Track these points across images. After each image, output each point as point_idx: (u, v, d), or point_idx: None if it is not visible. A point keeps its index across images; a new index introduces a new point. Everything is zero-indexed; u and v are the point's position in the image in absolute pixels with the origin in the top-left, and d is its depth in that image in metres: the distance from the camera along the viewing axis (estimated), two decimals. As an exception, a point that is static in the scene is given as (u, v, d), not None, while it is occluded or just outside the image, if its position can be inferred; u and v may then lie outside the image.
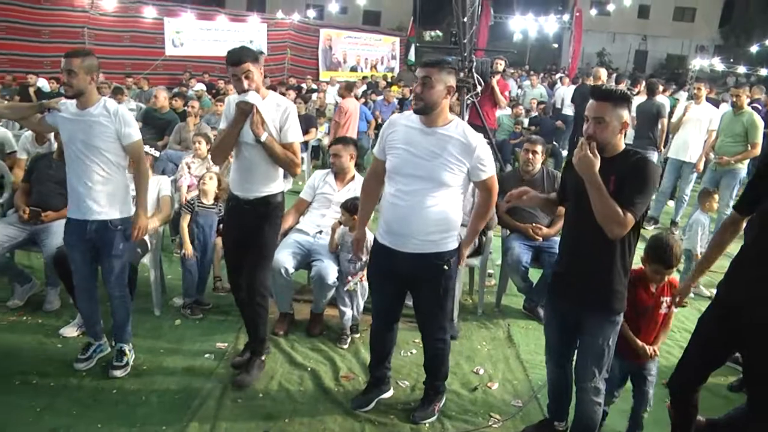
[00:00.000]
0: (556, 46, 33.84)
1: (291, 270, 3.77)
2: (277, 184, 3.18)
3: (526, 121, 10.12)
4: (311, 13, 20.84)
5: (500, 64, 7.10)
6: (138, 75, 12.51)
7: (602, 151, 2.32)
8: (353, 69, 19.74)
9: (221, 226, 3.97)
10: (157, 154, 4.58)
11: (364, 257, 3.49)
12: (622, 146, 2.40)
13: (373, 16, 29.70)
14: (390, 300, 3.03)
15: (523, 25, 23.98)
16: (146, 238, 3.88)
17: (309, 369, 3.50)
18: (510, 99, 9.17)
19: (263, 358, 3.44)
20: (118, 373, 3.26)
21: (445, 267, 2.79)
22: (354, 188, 4.08)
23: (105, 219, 3.11)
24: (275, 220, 3.23)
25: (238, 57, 2.91)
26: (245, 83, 2.93)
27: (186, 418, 2.95)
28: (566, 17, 23.14)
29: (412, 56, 20.13)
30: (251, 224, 3.15)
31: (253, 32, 17.46)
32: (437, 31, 29.78)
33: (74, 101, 3.04)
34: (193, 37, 16.13)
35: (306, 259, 3.89)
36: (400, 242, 2.76)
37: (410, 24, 21.51)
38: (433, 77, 2.63)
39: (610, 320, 2.49)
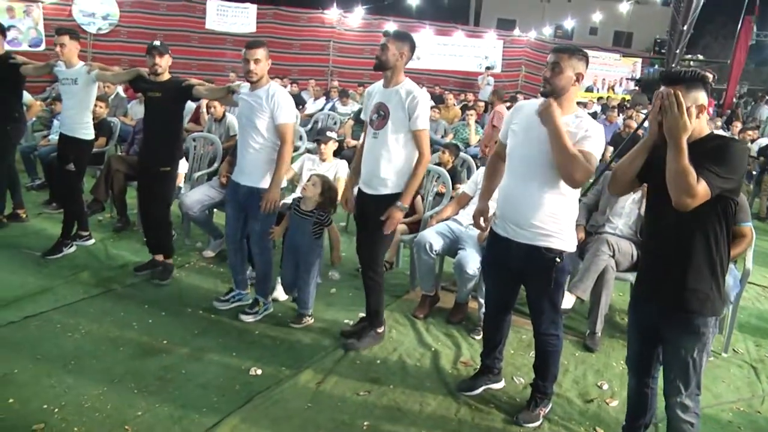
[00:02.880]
0: None
1: (436, 248, 4.03)
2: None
3: (754, 147, 8.85)
4: (547, 30, 20.71)
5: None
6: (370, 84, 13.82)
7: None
8: (589, 89, 19.13)
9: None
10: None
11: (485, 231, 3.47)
12: (706, 130, 2.27)
13: (625, 37, 28.34)
14: (501, 289, 3.10)
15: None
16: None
17: (433, 349, 3.72)
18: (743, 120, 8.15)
19: (379, 330, 3.72)
20: (246, 318, 3.85)
21: (557, 260, 2.79)
22: None
23: (252, 185, 3.70)
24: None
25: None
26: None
27: (304, 365, 3.40)
28: None
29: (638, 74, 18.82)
30: (373, 213, 3.45)
31: (489, 48, 17.99)
32: (698, 55, 27.31)
33: (248, 84, 3.70)
34: (430, 51, 17.16)
35: (454, 245, 4.12)
36: (512, 231, 2.84)
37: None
38: (563, 63, 2.68)
39: (691, 326, 2.29)
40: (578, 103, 2.91)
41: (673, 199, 2.14)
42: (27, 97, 5.87)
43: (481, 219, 3.14)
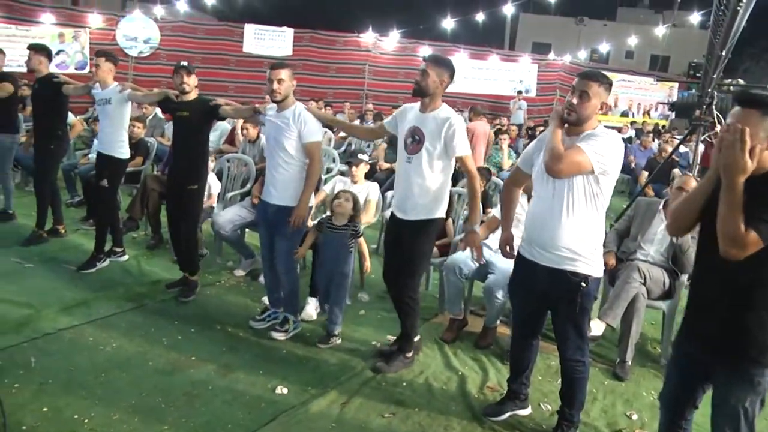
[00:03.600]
0: None
1: (465, 272, 4.06)
2: (443, 208, 3.49)
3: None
4: (582, 54, 20.68)
5: None
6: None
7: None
8: (624, 114, 18.99)
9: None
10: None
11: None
12: None
13: (662, 61, 28.07)
14: (528, 312, 3.10)
15: None
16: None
17: (459, 373, 3.72)
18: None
19: (408, 355, 3.73)
20: (277, 335, 3.93)
21: (583, 284, 2.78)
22: None
23: (280, 204, 3.79)
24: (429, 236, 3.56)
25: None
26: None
27: (330, 385, 3.44)
28: None
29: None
30: (406, 238, 3.50)
31: (523, 72, 18.08)
32: (738, 79, 26.83)
33: (275, 105, 3.82)
34: (464, 74, 17.24)
35: (483, 269, 4.12)
36: (537, 254, 2.84)
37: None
38: (591, 91, 2.68)
39: (747, 375, 2.11)
40: (613, 128, 2.92)
41: (720, 246, 1.99)
42: (70, 116, 6.13)
43: (507, 247, 3.18)
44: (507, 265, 4.00)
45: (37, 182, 5.52)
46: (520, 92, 16.80)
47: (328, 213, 4.23)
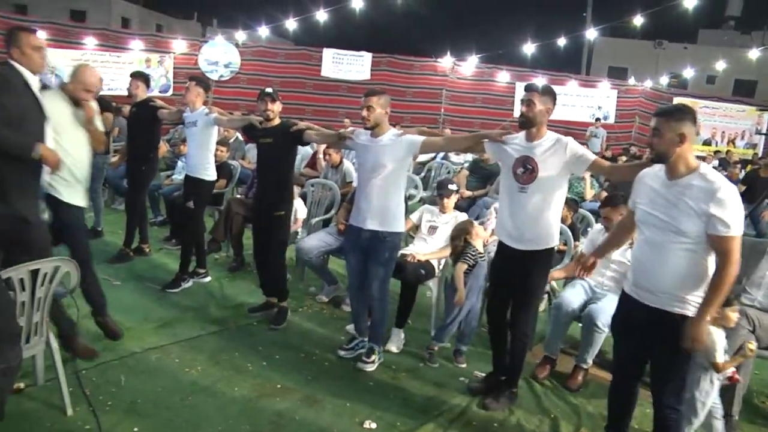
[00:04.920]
0: None
1: (575, 308, 4.00)
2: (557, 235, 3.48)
3: None
4: (664, 80, 20.00)
5: None
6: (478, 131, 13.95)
7: None
8: (706, 143, 18.17)
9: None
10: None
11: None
12: None
13: (747, 87, 26.74)
14: (630, 354, 3.01)
15: None
16: (434, 262, 4.51)
17: (552, 416, 3.59)
18: None
19: (515, 390, 3.67)
20: (363, 366, 3.90)
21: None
22: None
23: (375, 229, 3.78)
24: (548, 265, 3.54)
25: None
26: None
27: (419, 421, 3.36)
28: None
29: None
30: (523, 269, 3.45)
31: (602, 98, 17.72)
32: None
33: (368, 131, 3.83)
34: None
35: (586, 304, 4.06)
36: (642, 294, 2.80)
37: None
38: (662, 127, 2.67)
39: None
40: (697, 157, 2.81)
41: None
42: (156, 138, 6.41)
43: (585, 265, 3.28)
44: (613, 301, 3.87)
45: (128, 202, 5.77)
46: (598, 119, 16.40)
47: (477, 246, 4.24)
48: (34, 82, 3.16)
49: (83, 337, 3.72)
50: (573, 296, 4.07)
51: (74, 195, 3.66)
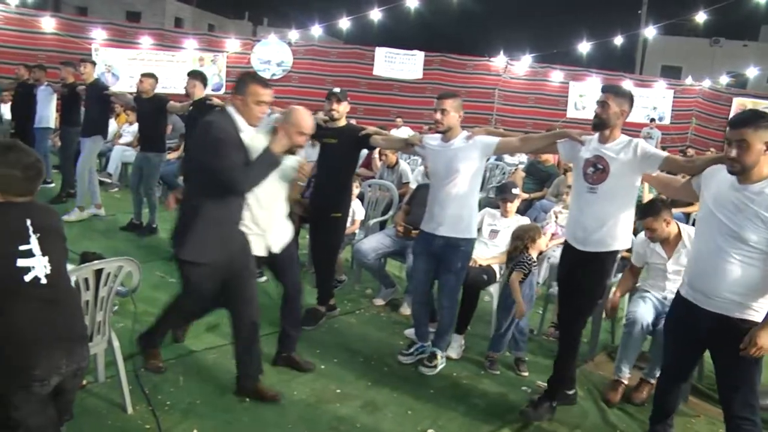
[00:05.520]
0: None
1: (648, 322, 3.76)
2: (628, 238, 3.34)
3: None
4: (724, 80, 19.19)
5: None
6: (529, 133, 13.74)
7: None
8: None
9: None
10: None
11: None
12: None
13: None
14: (680, 357, 2.98)
15: None
16: (495, 267, 4.40)
17: (618, 430, 3.48)
18: None
19: (570, 392, 3.61)
20: (425, 371, 3.84)
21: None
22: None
23: (449, 236, 3.71)
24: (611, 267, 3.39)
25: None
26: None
27: (488, 427, 3.33)
28: None
29: None
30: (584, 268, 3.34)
31: (658, 98, 17.23)
32: None
33: (438, 135, 3.76)
34: (595, 100, 16.69)
35: (659, 316, 3.85)
36: (701, 299, 2.73)
37: None
38: (749, 138, 2.52)
39: None
40: None
41: None
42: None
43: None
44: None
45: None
46: (653, 119, 15.89)
47: (533, 254, 4.10)
48: (246, 131, 3.10)
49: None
50: (646, 311, 3.81)
51: (255, 246, 3.59)
